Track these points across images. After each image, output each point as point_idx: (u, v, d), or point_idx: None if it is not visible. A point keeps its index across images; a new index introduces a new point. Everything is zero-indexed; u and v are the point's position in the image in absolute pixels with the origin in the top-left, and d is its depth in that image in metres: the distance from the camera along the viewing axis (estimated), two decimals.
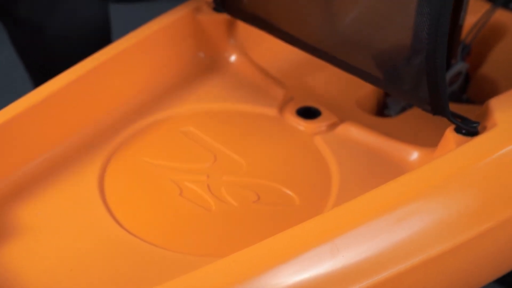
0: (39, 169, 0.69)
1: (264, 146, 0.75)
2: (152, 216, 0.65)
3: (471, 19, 1.05)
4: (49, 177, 0.68)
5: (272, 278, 0.50)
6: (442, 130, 0.68)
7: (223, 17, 0.87)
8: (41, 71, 1.02)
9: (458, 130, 0.64)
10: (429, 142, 0.71)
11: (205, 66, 0.86)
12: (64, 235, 0.62)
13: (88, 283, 0.57)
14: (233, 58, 0.87)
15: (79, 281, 0.57)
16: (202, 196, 0.67)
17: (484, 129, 0.64)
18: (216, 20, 0.86)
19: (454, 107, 0.95)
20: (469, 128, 0.63)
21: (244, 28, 0.89)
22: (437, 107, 0.64)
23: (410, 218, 0.54)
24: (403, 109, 0.97)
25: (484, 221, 0.56)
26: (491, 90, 0.97)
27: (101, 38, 0.99)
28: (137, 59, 0.82)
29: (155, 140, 0.75)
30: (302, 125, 0.77)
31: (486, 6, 1.05)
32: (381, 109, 0.99)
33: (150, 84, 0.82)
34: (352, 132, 0.75)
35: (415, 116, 0.90)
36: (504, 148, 0.60)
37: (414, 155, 0.70)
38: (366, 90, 0.95)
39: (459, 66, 0.97)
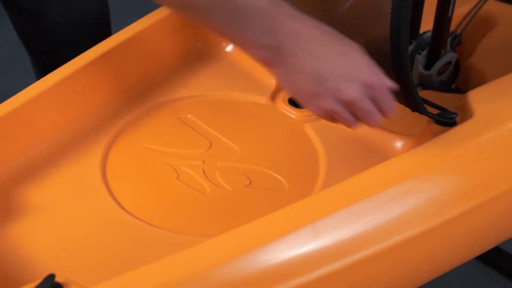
0: (47, 152, 0.72)
1: (256, 133, 0.78)
2: (150, 198, 0.69)
3: (463, 9, 1.09)
4: (56, 160, 0.71)
5: (259, 256, 0.54)
6: (426, 119, 0.72)
7: None
8: (42, 54, 1.04)
9: (438, 121, 0.68)
10: (415, 131, 0.75)
11: (203, 56, 0.89)
12: (69, 214, 0.66)
13: (92, 258, 0.61)
14: (229, 48, 0.89)
15: (84, 257, 0.61)
16: (197, 180, 0.70)
17: (462, 119, 0.68)
18: None
19: (442, 96, 0.99)
20: (447, 119, 0.67)
21: None
22: (410, 103, 0.67)
23: (388, 202, 0.58)
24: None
25: (459, 205, 0.60)
26: (479, 80, 0.99)
27: (100, 24, 1.01)
28: (137, 49, 0.84)
29: (154, 127, 0.78)
30: (293, 113, 0.81)
31: None
32: None
33: (150, 73, 0.85)
34: None
35: (403, 106, 0.94)
36: (479, 137, 0.64)
37: (398, 143, 0.73)
38: None
39: (449, 56, 1.00)
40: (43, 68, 0.98)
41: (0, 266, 0.58)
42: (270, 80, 0.84)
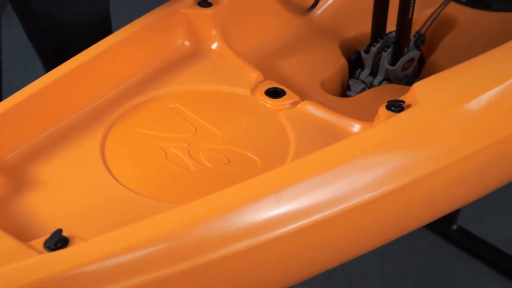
0: (55, 136, 0.82)
1: (236, 120, 0.89)
2: (142, 174, 0.79)
3: (428, 11, 1.20)
4: (62, 142, 0.82)
5: (230, 218, 0.65)
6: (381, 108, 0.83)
7: (207, 11, 1.01)
8: (52, 54, 1.13)
9: (388, 107, 0.79)
10: (372, 117, 0.86)
11: (190, 52, 0.98)
12: (73, 187, 0.76)
13: (92, 225, 0.72)
14: (214, 46, 0.99)
15: (86, 219, 0.72)
16: (183, 159, 0.81)
17: (409, 106, 0.78)
18: (201, 14, 0.98)
19: (405, 89, 1.09)
20: (395, 106, 0.78)
21: (224, 21, 1.04)
22: None
23: (338, 175, 0.68)
24: (363, 90, 1.11)
25: (398, 178, 0.71)
26: None
27: (104, 24, 1.11)
28: (133, 47, 0.93)
29: (146, 115, 0.88)
30: (269, 103, 0.90)
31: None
32: (345, 91, 1.14)
33: (144, 68, 0.94)
34: (310, 109, 0.88)
35: (369, 96, 1.05)
36: (421, 121, 0.75)
37: (356, 127, 0.84)
38: (329, 74, 1.09)
39: (412, 53, 1.10)
40: (52, 67, 1.09)
41: (16, 226, 0.69)
42: (250, 74, 0.94)
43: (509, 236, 1.45)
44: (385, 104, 0.78)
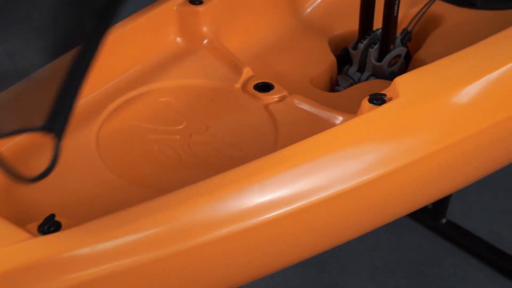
0: None
1: (226, 113, 0.92)
2: (135, 164, 0.82)
3: (415, 9, 1.23)
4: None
5: (216, 205, 0.68)
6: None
7: (198, 8, 1.05)
8: None
9: (370, 100, 0.82)
10: (355, 110, 0.88)
11: (182, 49, 1.02)
12: (68, 175, 0.79)
13: (85, 211, 0.75)
14: (205, 42, 1.03)
15: (78, 210, 0.75)
16: (174, 150, 0.84)
17: (390, 99, 0.82)
18: (192, 11, 1.02)
19: (390, 84, 1.12)
20: (377, 99, 0.81)
21: (216, 18, 1.07)
22: None
23: (318, 165, 0.71)
24: (350, 85, 1.14)
25: (376, 168, 0.74)
26: None
27: None
28: (126, 44, 0.97)
29: (139, 108, 0.91)
30: (258, 97, 0.94)
31: None
32: (334, 86, 1.17)
33: (137, 64, 0.98)
34: (296, 102, 0.91)
35: (356, 91, 1.07)
36: (401, 113, 0.78)
37: (340, 119, 0.87)
38: (319, 70, 1.12)
39: (398, 50, 1.13)
40: None
41: (13, 211, 0.72)
42: (240, 70, 0.98)
43: (497, 230, 1.48)
44: (368, 97, 0.82)
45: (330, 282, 1.42)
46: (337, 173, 0.73)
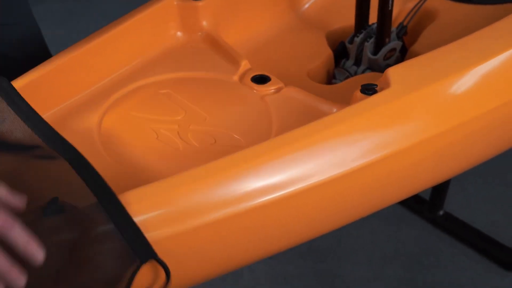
0: (56, 115, 0.90)
1: (224, 104, 0.95)
2: (134, 153, 0.85)
3: (411, 4, 1.25)
4: (62, 122, 0.88)
5: (215, 188, 0.71)
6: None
7: (198, 3, 1.08)
8: None
9: (362, 91, 0.85)
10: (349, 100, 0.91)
11: (182, 42, 1.05)
12: None
13: None
14: (205, 36, 1.06)
15: None
16: (173, 139, 0.87)
17: (381, 89, 0.84)
18: (192, 6, 1.05)
19: None
20: (369, 90, 0.84)
21: (215, 13, 1.10)
22: None
23: (312, 151, 0.74)
24: (347, 79, 1.17)
25: (367, 155, 0.77)
26: None
27: (36, 48, 1.05)
28: (129, 37, 1.00)
29: (141, 99, 0.94)
30: (255, 88, 0.97)
31: None
32: (331, 79, 1.20)
33: (139, 57, 1.01)
34: (292, 93, 0.94)
35: (351, 83, 1.10)
36: (391, 101, 0.81)
37: (334, 109, 0.90)
38: (316, 64, 1.15)
39: (393, 44, 1.16)
40: None
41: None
42: (238, 63, 1.01)
43: (493, 221, 1.51)
44: (360, 88, 0.84)
45: (329, 272, 1.45)
46: (329, 159, 0.75)
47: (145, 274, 0.66)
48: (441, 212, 1.51)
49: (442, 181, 0.95)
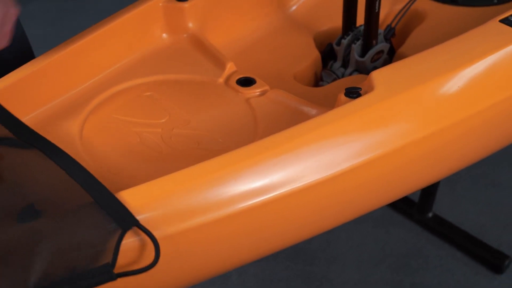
0: (38, 118, 0.89)
1: (208, 107, 0.94)
2: (117, 156, 0.84)
3: (399, 6, 1.25)
4: (44, 125, 0.87)
5: (195, 191, 0.70)
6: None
7: (184, 5, 1.07)
8: None
9: (346, 94, 0.84)
10: (332, 103, 0.90)
11: (168, 44, 1.04)
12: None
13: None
14: (190, 38, 1.05)
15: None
16: (156, 142, 0.86)
17: (365, 93, 0.84)
18: (178, 7, 1.04)
19: None
20: (353, 93, 0.83)
21: (201, 14, 1.09)
22: None
23: (294, 156, 0.74)
24: (334, 81, 1.16)
25: (350, 159, 0.76)
26: None
27: (22, 51, 1.05)
28: (113, 39, 0.99)
29: (124, 102, 0.93)
30: (240, 91, 0.96)
31: None
32: (318, 81, 1.19)
33: (123, 58, 1.00)
34: (277, 96, 0.93)
35: (338, 86, 1.09)
36: (375, 104, 0.80)
37: (318, 112, 0.89)
38: (303, 66, 1.14)
39: (380, 46, 1.15)
40: None
41: None
42: (223, 65, 1.00)
43: (482, 224, 1.51)
44: (344, 91, 0.84)
45: (317, 274, 1.44)
46: (312, 163, 0.75)
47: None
48: (430, 214, 1.51)
49: (430, 184, 0.94)
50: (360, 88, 0.83)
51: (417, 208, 1.52)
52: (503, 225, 1.52)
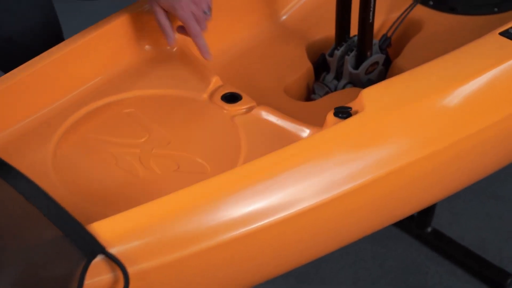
0: (8, 138, 0.83)
1: (191, 125, 0.89)
2: (91, 181, 0.79)
3: (395, 15, 1.19)
4: (14, 146, 0.82)
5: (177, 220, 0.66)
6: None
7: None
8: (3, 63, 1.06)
9: (335, 114, 0.79)
10: (321, 123, 0.85)
11: (151, 57, 0.99)
12: None
13: None
14: (175, 50, 1.00)
15: None
16: (133, 165, 0.81)
17: (356, 112, 0.78)
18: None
19: None
20: (342, 113, 0.78)
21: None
22: None
23: (279, 182, 0.69)
24: (326, 94, 1.11)
25: (341, 185, 0.71)
26: None
27: (48, 33, 1.05)
28: (92, 52, 0.94)
29: (102, 120, 0.88)
30: (225, 108, 0.90)
31: (409, 2, 1.18)
32: (310, 94, 1.14)
33: (103, 72, 0.95)
34: (263, 114, 0.87)
35: (330, 100, 1.04)
36: (365, 126, 0.75)
37: (307, 132, 0.84)
38: (294, 78, 1.09)
39: (375, 57, 1.10)
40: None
41: None
42: (208, 79, 0.94)
43: (483, 239, 1.45)
44: (333, 110, 0.78)
45: None
46: (298, 190, 0.70)
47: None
48: (429, 229, 1.45)
49: (426, 207, 0.89)
50: (350, 108, 0.77)
51: (416, 222, 1.46)
52: (505, 239, 1.47)
